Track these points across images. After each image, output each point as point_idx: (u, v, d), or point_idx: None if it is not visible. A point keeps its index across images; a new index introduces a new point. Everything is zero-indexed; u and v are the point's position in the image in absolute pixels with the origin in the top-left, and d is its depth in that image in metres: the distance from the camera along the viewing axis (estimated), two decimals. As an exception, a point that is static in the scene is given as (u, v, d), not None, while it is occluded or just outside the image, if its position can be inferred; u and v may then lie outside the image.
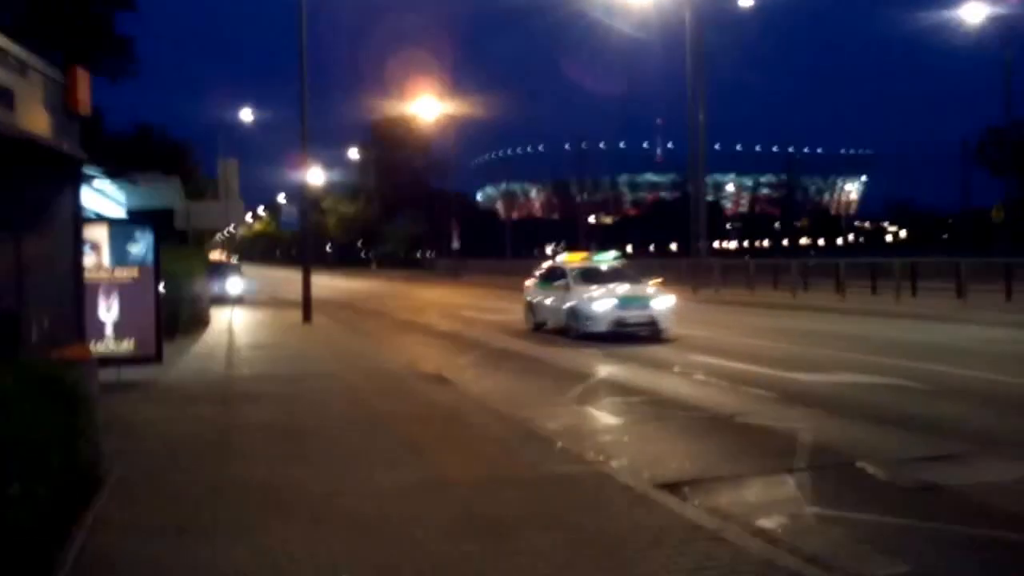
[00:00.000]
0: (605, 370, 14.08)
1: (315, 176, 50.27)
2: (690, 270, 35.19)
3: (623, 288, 19.23)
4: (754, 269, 33.24)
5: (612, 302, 18.62)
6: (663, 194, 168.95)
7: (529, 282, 22.20)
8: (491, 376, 14.16)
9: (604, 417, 10.56)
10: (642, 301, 18.91)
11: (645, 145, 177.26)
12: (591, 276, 20.15)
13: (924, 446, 8.66)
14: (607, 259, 22.04)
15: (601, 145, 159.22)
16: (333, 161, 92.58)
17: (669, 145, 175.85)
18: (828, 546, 5.88)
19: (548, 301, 20.56)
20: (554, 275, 21.02)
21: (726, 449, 8.84)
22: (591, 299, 18.83)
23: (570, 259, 21.94)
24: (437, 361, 15.77)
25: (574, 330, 18.88)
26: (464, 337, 20.56)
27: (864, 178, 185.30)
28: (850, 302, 26.77)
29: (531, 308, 21.63)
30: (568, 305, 19.37)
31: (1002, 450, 8.39)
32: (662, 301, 18.92)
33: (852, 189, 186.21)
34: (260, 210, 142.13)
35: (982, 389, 11.96)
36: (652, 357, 15.80)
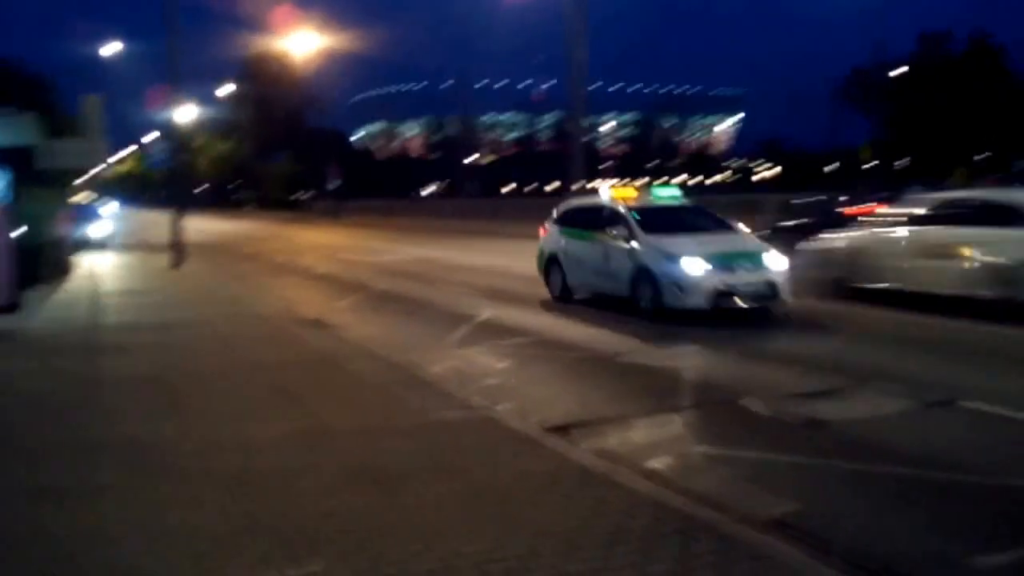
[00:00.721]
0: (489, 311, 13.90)
1: (186, 113, 47.98)
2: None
3: (721, 240, 13.21)
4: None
5: (710, 262, 12.32)
6: (542, 133, 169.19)
7: (547, 227, 15.77)
8: (372, 320, 13.82)
9: (488, 360, 10.39)
10: (753, 259, 12.64)
11: (524, 83, 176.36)
12: (661, 221, 13.81)
13: (805, 382, 8.82)
14: (672, 197, 15.83)
15: (480, 83, 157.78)
16: (205, 97, 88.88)
17: (549, 83, 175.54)
18: (718, 486, 5.88)
19: (592, 258, 14.23)
20: (599, 219, 14.28)
21: (612, 390, 8.81)
22: (678, 256, 12.41)
23: (620, 195, 14.99)
24: (316, 306, 15.31)
25: (648, 301, 12.71)
26: (343, 280, 20.05)
27: (737, 117, 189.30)
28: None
29: (556, 267, 15.20)
30: (637, 266, 13.02)
31: (880, 384, 8.58)
32: (777, 259, 12.74)
33: (725, 127, 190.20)
34: (128, 150, 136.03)
35: (855, 323, 12.32)
36: (537, 296, 15.67)
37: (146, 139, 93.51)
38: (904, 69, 74.76)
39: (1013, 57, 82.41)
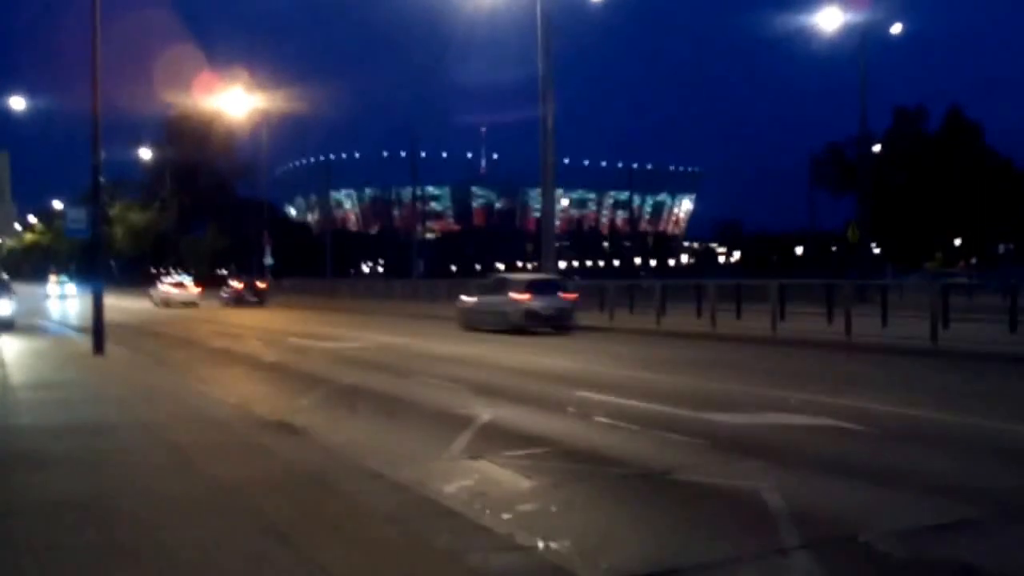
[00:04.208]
0: (488, 412, 12.51)
1: (100, 179, 46.20)
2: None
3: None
4: (614, 292, 32.54)
5: None
6: (490, 207, 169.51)
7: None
8: (349, 423, 12.32)
9: (510, 477, 8.98)
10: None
11: (468, 155, 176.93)
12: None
13: (922, 509, 7.60)
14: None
15: (422, 154, 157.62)
16: (122, 162, 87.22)
17: (494, 156, 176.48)
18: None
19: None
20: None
21: (683, 519, 7.48)
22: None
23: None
24: (276, 403, 13.76)
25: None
26: (300, 371, 18.46)
27: (692, 196, 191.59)
28: (720, 327, 26.33)
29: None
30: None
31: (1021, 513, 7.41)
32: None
33: (682, 207, 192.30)
34: (31, 218, 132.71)
35: (930, 429, 11.23)
36: (538, 394, 14.40)
37: (57, 206, 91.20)
38: (878, 148, 75.85)
39: (988, 131, 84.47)
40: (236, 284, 57.68)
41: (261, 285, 57.47)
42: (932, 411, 12.40)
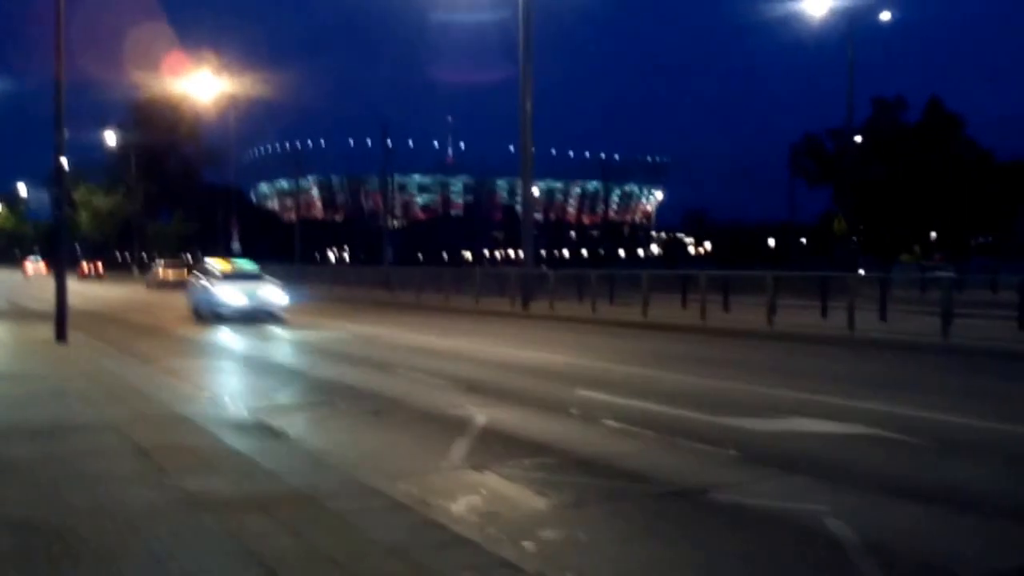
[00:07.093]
0: (482, 413, 11.40)
1: (64, 162, 44.47)
2: (520, 282, 33.10)
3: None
4: (595, 281, 31.45)
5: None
6: (453, 197, 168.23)
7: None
8: (331, 424, 11.13)
9: (523, 494, 7.87)
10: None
11: (433, 144, 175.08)
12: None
13: (1019, 542, 6.66)
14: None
15: (388, 143, 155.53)
16: (86, 146, 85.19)
17: (461, 145, 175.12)
18: None
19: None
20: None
21: (740, 553, 6.41)
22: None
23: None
24: (252, 399, 12.59)
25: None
26: (273, 363, 17.23)
27: (661, 186, 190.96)
28: (710, 320, 25.35)
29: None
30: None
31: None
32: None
33: (653, 198, 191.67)
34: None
35: (983, 440, 10.20)
36: (533, 391, 13.33)
37: (19, 188, 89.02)
38: (859, 139, 75.11)
39: (971, 123, 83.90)
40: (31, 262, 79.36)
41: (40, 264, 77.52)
42: (976, 418, 11.22)
